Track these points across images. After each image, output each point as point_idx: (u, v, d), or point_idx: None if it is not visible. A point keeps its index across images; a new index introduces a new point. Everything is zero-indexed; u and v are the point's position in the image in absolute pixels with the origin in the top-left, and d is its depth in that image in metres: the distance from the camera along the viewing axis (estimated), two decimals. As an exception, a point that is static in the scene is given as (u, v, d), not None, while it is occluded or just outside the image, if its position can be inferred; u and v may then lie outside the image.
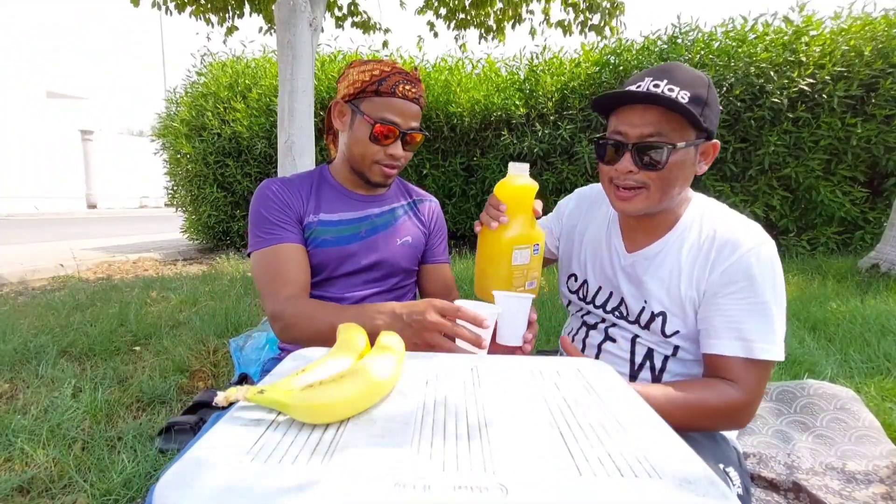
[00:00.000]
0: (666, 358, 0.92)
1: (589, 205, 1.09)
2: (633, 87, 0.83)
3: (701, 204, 0.93)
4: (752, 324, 0.81)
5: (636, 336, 0.95)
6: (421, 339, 0.78)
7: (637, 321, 0.94)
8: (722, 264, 0.84)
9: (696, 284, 0.87)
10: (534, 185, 0.91)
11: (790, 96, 3.96)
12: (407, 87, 1.01)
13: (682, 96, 0.80)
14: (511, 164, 0.92)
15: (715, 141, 0.87)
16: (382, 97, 1.00)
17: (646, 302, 0.92)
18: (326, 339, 0.86)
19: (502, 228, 0.89)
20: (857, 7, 5.84)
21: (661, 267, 0.90)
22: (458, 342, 0.79)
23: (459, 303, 0.81)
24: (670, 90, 0.80)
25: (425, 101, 1.10)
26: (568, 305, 1.12)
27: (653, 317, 0.91)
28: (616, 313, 0.98)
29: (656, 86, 0.81)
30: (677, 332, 0.89)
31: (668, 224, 0.92)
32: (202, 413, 1.50)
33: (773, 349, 0.81)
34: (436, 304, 0.78)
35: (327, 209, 1.09)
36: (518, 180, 0.90)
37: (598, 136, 0.90)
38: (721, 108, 3.39)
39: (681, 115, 0.80)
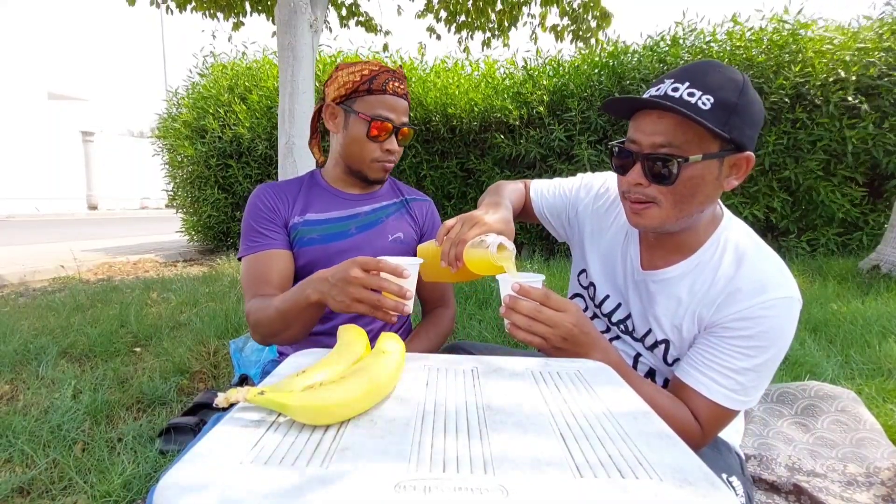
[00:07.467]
0: (666, 381, 0.91)
1: (608, 207, 1.00)
2: (652, 91, 0.76)
3: (728, 230, 0.84)
4: (743, 378, 0.77)
5: (639, 354, 0.93)
6: (347, 295, 0.77)
7: (641, 341, 0.91)
8: (737, 304, 0.76)
9: (697, 322, 0.82)
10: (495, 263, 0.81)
11: (789, 96, 3.96)
12: (396, 84, 1.04)
13: (704, 102, 0.71)
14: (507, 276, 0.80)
15: (748, 153, 0.75)
16: (375, 95, 1.03)
17: (651, 326, 0.88)
18: (280, 326, 0.91)
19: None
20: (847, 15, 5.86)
21: (671, 296, 0.85)
22: (385, 295, 0.78)
23: (381, 257, 0.80)
24: (690, 95, 0.71)
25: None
26: (572, 298, 1.07)
27: (656, 343, 0.88)
28: (622, 327, 0.95)
29: (675, 89, 0.73)
30: (678, 359, 0.86)
31: (689, 247, 0.84)
32: (202, 414, 1.50)
33: (749, 402, 0.78)
34: (358, 260, 0.78)
35: (315, 209, 1.10)
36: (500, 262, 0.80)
37: (614, 142, 0.83)
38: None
39: (697, 125, 0.71)
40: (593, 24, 4.19)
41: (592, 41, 4.30)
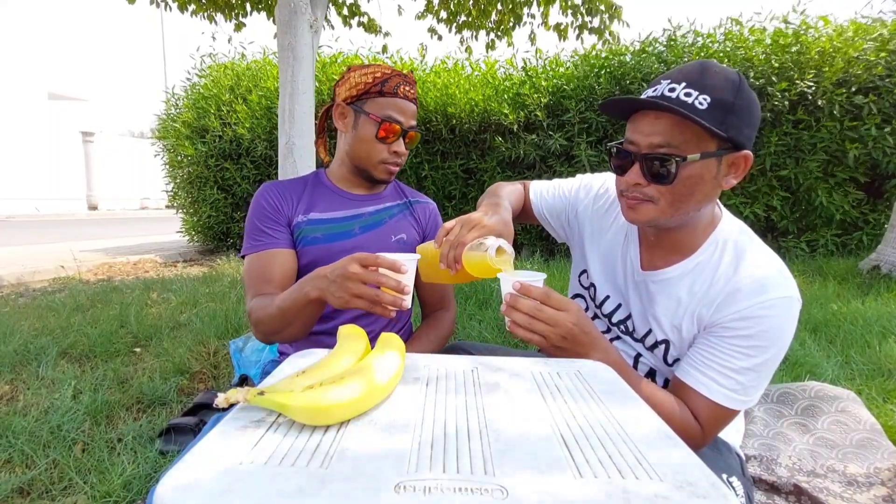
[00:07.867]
0: (666, 381, 0.91)
1: (607, 208, 1.00)
2: (650, 92, 0.76)
3: (727, 230, 0.84)
4: (743, 378, 0.77)
5: (639, 355, 0.93)
6: (346, 291, 0.79)
7: (642, 341, 0.91)
8: (737, 304, 0.76)
9: (697, 322, 0.82)
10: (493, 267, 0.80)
11: (791, 99, 3.96)
12: (406, 88, 1.07)
13: (701, 102, 0.71)
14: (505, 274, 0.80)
15: (746, 152, 0.76)
16: (386, 97, 1.05)
17: (651, 326, 0.89)
18: (281, 324, 0.92)
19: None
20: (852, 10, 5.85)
21: (671, 296, 0.85)
22: (383, 290, 0.79)
23: (379, 253, 0.82)
24: (686, 95, 0.72)
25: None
26: (573, 298, 1.07)
27: (657, 343, 0.88)
28: (622, 327, 0.95)
29: (672, 90, 0.73)
30: (678, 359, 0.87)
31: (688, 248, 0.84)
32: (202, 414, 1.50)
33: (749, 401, 0.78)
34: (356, 257, 0.80)
35: (319, 209, 1.11)
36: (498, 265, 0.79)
37: (612, 143, 0.84)
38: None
39: (695, 124, 0.71)
40: (606, 16, 4.12)
41: (606, 34, 4.26)
